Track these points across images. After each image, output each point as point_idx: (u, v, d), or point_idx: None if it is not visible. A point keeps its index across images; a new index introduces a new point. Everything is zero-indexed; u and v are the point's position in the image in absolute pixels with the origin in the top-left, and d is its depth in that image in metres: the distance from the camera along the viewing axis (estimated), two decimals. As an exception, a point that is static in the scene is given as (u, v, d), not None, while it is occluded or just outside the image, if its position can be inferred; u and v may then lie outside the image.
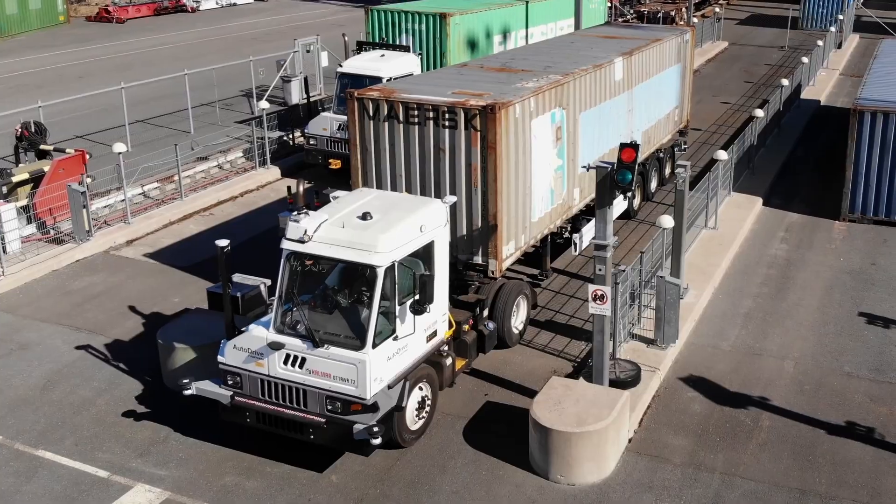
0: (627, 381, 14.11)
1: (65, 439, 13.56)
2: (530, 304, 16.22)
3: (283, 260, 12.58)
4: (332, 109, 24.43)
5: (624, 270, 14.88)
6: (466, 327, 14.40)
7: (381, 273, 11.93)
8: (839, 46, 44.87)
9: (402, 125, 15.22)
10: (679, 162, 16.98)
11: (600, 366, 13.44)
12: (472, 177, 14.88)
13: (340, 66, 24.45)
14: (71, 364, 15.72)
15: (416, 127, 15.11)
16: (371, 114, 15.43)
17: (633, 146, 12.11)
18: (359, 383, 11.79)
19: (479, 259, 15.25)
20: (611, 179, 12.30)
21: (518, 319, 15.82)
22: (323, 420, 11.99)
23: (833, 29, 42.72)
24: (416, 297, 12.17)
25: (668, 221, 15.89)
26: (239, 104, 34.25)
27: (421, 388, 12.99)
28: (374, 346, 11.89)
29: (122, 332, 16.83)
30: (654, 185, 23.02)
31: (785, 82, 28.52)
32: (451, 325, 13.86)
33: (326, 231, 12.27)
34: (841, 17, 45.47)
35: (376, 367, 11.87)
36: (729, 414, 13.95)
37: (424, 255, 12.93)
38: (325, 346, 12.00)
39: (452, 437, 13.46)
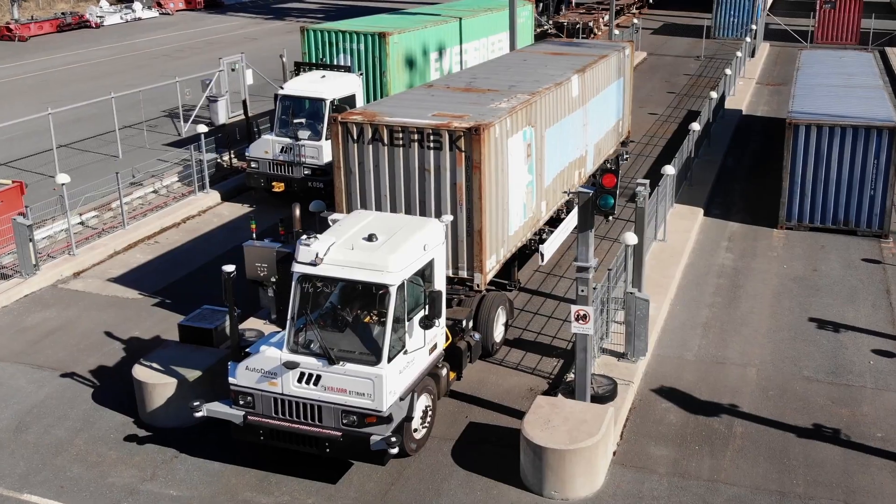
0: (605, 395, 14.87)
1: (49, 482, 13.57)
2: (508, 314, 17.11)
3: (294, 283, 13.15)
4: (274, 132, 24.64)
5: (595, 288, 15.67)
6: (449, 339, 15.05)
7: (393, 291, 12.69)
8: (752, 55, 47.06)
9: (386, 147, 15.96)
10: (638, 181, 17.91)
11: (583, 383, 14.17)
12: (458, 195, 15.71)
13: (281, 87, 24.68)
14: (40, 404, 15.65)
15: (401, 149, 15.87)
16: (355, 137, 16.09)
17: (614, 172, 12.91)
18: (375, 397, 12.51)
19: (464, 273, 16.09)
20: (593, 204, 13.05)
21: (498, 329, 16.73)
22: (339, 433, 12.67)
23: (749, 39, 44.78)
24: (426, 312, 12.94)
25: (632, 238, 16.75)
26: (163, 125, 34.05)
27: (423, 399, 13.69)
28: (389, 360, 12.63)
29: (86, 368, 16.81)
30: None
31: (713, 94, 29.98)
32: (447, 338, 14.57)
33: (336, 253, 12.91)
34: (754, 26, 47.69)
35: (391, 381, 12.63)
36: (703, 423, 14.86)
37: (427, 272, 13.73)
38: (341, 363, 12.65)
39: (442, 460, 13.99)
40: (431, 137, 15.61)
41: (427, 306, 12.95)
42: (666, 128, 33.90)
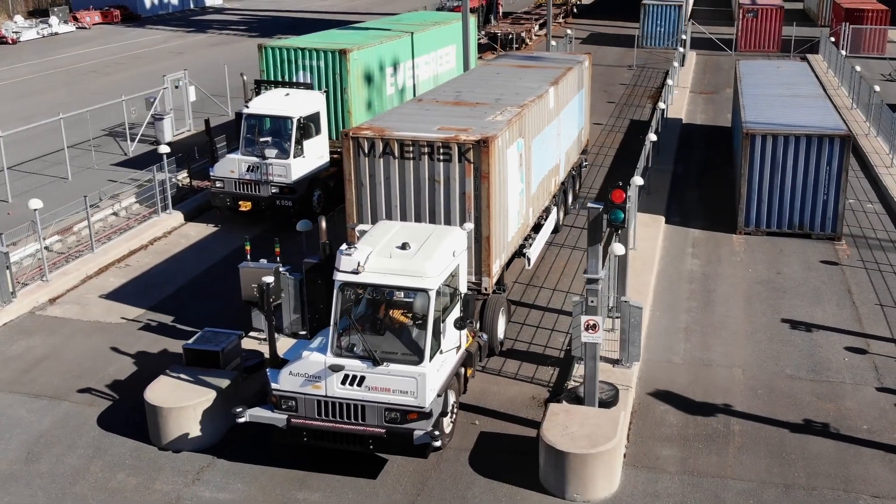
0: (609, 401, 15.74)
1: (74, 511, 13.77)
2: (508, 315, 18.25)
3: (336, 290, 14.04)
4: (240, 151, 24.91)
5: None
6: (470, 339, 15.96)
7: (432, 295, 13.76)
8: (682, 64, 48.95)
9: (397, 160, 16.95)
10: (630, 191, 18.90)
11: (592, 389, 15.03)
12: (467, 204, 16.83)
13: (247, 106, 24.98)
14: (45, 433, 15.75)
15: (412, 161, 16.89)
16: (366, 151, 17.05)
17: (622, 187, 13.83)
18: (418, 394, 13.52)
19: (472, 277, 17.09)
20: (604, 219, 13.95)
21: (501, 329, 17.75)
22: (382, 430, 13.59)
23: (681, 49, 46.63)
24: (460, 314, 14.11)
25: (619, 249, 17.72)
26: (106, 145, 33.83)
27: (451, 396, 14.61)
28: (430, 359, 13.70)
29: (85, 396, 16.92)
30: (570, 199, 25.37)
31: (662, 105, 31.38)
32: (467, 338, 15.60)
33: (376, 262, 13.89)
34: (684, 36, 49.65)
35: (432, 379, 13.67)
36: (702, 423, 15.88)
37: (455, 276, 14.80)
38: (385, 363, 13.58)
39: (461, 469, 14.66)
40: (441, 150, 16.74)
41: (461, 308, 14.25)
42: (613, 137, 35.21)
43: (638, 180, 22.78)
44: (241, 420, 14.06)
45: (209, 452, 15.09)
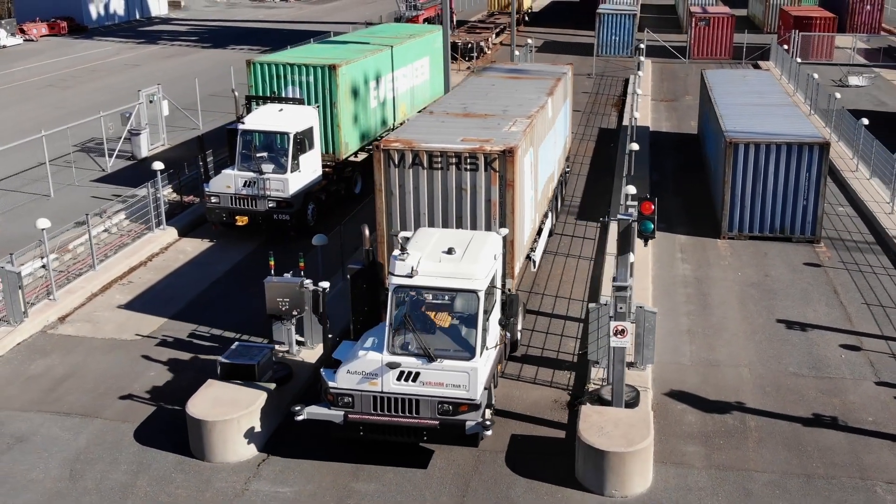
0: (630, 402, 16.64)
1: (131, 525, 14.22)
2: (524, 314, 19.55)
3: (391, 293, 15.12)
4: (236, 167, 25.36)
5: (605, 304, 17.55)
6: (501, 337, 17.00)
7: (481, 296, 14.91)
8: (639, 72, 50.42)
9: (426, 170, 18.15)
10: (628, 202, 19.93)
11: (620, 391, 15.95)
12: (492, 211, 18.08)
13: (242, 122, 25.45)
14: (84, 450, 16.13)
15: (440, 171, 18.12)
16: (396, 162, 18.18)
17: (651, 199, 14.80)
18: (470, 387, 14.63)
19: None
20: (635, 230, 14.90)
21: (519, 328, 18.91)
22: (436, 422, 14.68)
23: (642, 57, 48.10)
24: (506, 312, 15.37)
25: (631, 256, 18.68)
26: (81, 161, 33.86)
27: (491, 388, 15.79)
28: (480, 355, 14.79)
29: (116, 412, 17.31)
30: (559, 204, 26.56)
31: (637, 114, 32.60)
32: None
33: (427, 266, 15.02)
34: (642, 45, 51.18)
35: (482, 373, 14.80)
36: (719, 420, 16.91)
37: (496, 278, 15.94)
38: (439, 360, 14.67)
39: (500, 470, 15.46)
40: (468, 160, 17.98)
41: (507, 307, 15.60)
42: (585, 146, 36.35)
43: (631, 189, 23.84)
44: (300, 418, 15.02)
45: (250, 464, 15.62)
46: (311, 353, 18.65)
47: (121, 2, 77.27)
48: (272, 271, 18.53)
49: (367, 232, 17.32)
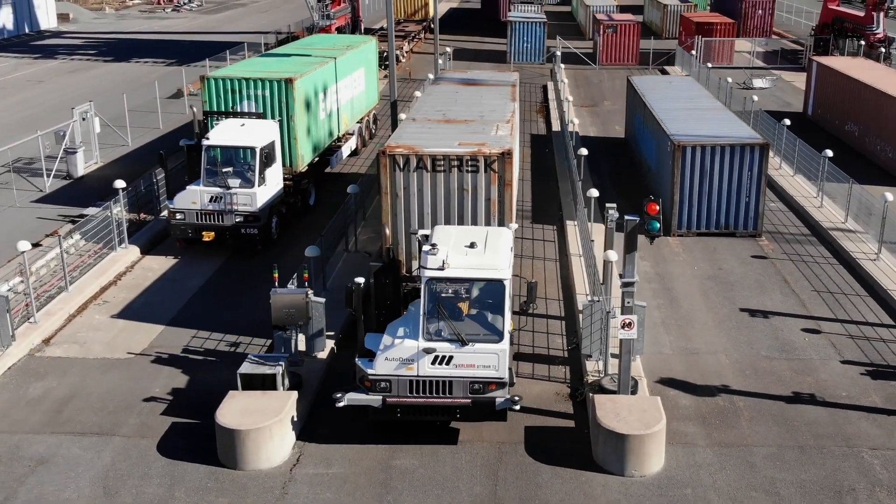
0: (631, 390, 18.13)
1: (182, 533, 14.83)
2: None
3: (424, 285, 16.40)
4: (202, 182, 25.81)
5: (599, 300, 19.04)
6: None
7: (507, 284, 16.43)
8: (553, 79, 52.48)
9: (429, 173, 19.72)
10: (608, 205, 21.48)
11: (627, 380, 17.39)
12: (491, 209, 19.79)
13: (207, 138, 25.93)
14: (111, 467, 16.57)
15: (443, 174, 19.74)
16: (401, 166, 19.68)
17: (657, 201, 16.29)
18: (499, 367, 16.26)
19: None
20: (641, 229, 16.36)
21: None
22: (468, 401, 16.27)
23: (562, 65, 50.10)
24: (526, 298, 17.30)
25: (613, 255, 20.24)
26: (15, 182, 33.50)
27: None
28: (506, 338, 16.33)
29: (133, 429, 17.75)
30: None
31: (576, 120, 34.34)
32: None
33: (455, 259, 16.43)
34: (559, 52, 53.24)
35: (509, 354, 16.43)
36: (711, 402, 18.54)
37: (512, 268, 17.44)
38: (471, 343, 16.13)
39: (522, 459, 16.68)
40: (469, 162, 19.70)
41: (527, 293, 17.27)
42: (522, 152, 37.81)
43: (594, 192, 25.45)
44: (341, 404, 16.37)
45: (282, 470, 16.40)
46: (315, 362, 19.48)
47: (9, 16, 75.29)
48: (276, 283, 19.25)
49: (387, 231, 19.01)
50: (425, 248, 16.71)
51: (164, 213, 28.94)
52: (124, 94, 40.84)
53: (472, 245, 16.80)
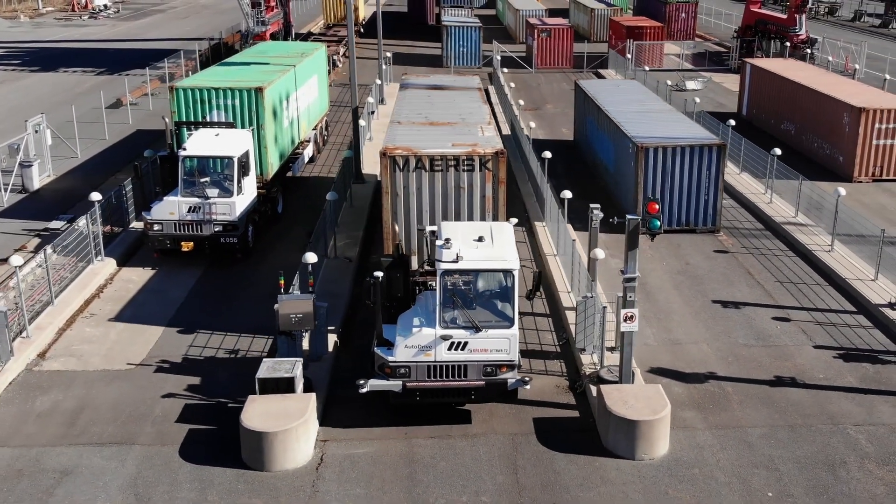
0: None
1: (224, 533, 15.44)
2: None
3: (439, 276, 17.55)
4: (180, 192, 26.18)
5: (592, 297, 20.24)
6: None
7: (516, 274, 17.77)
8: (493, 83, 53.80)
9: (427, 173, 20.96)
10: (592, 205, 22.66)
11: (629, 370, 18.57)
12: (486, 205, 21.23)
13: (184, 148, 26.29)
14: (138, 476, 17.03)
15: (440, 173, 21.04)
16: (401, 166, 20.88)
17: (656, 200, 17.51)
18: (510, 351, 17.72)
19: None
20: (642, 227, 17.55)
21: None
22: (482, 383, 17.71)
23: (505, 70, 51.38)
24: (532, 287, 18.51)
25: (601, 254, 21.45)
26: (-31, 196, 33.24)
27: None
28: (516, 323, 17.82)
29: (151, 438, 18.21)
30: None
31: (533, 124, 35.57)
32: None
33: (467, 252, 17.65)
34: (498, 57, 54.54)
35: (518, 339, 17.83)
36: (702, 389, 19.86)
37: None
38: (484, 330, 17.44)
39: (536, 448, 17.71)
40: (466, 162, 21.08)
41: (533, 282, 18.49)
42: (475, 156, 38.93)
43: (567, 193, 26.65)
44: (364, 390, 17.68)
45: (309, 469, 17.11)
46: (319, 364, 20.20)
47: (-78, 25, 73.26)
48: (282, 289, 19.89)
49: (397, 228, 20.25)
50: (439, 242, 17.90)
51: (134, 224, 29.18)
52: (72, 104, 40.57)
53: (480, 239, 18.03)
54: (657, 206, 17.57)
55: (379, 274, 18.17)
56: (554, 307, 24.07)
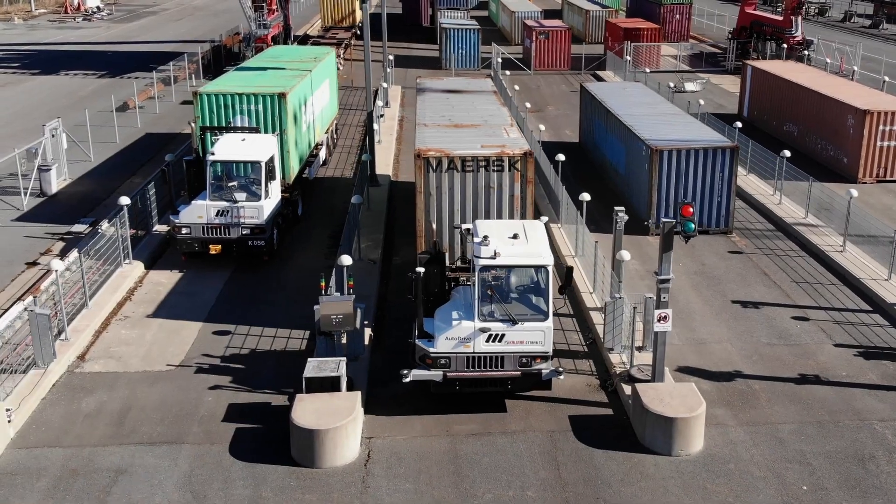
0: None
1: (283, 529, 15.94)
2: None
3: (478, 273, 18.39)
4: (208, 196, 26.61)
5: (621, 297, 20.85)
6: None
7: (550, 270, 18.58)
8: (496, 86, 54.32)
9: (459, 173, 21.76)
10: (616, 208, 23.27)
11: (662, 369, 19.18)
12: (514, 204, 22.03)
13: (212, 153, 26.72)
14: (191, 474, 17.50)
15: (471, 174, 21.84)
16: (434, 167, 21.67)
17: (690, 203, 18.12)
18: (545, 343, 18.69)
19: None
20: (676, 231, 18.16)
21: None
22: (518, 373, 18.69)
23: (507, 72, 51.95)
24: (563, 282, 19.39)
25: (626, 255, 22.04)
26: (-7, 200, 33.62)
27: None
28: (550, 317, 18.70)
29: (199, 437, 18.67)
30: None
31: (542, 127, 36.17)
32: None
33: (503, 249, 18.44)
34: (499, 59, 55.11)
35: (552, 331, 18.71)
36: (729, 387, 20.50)
37: None
38: (520, 323, 18.35)
39: (575, 445, 18.29)
40: (495, 162, 21.86)
41: (565, 278, 19.40)
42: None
43: (586, 196, 27.23)
44: (407, 380, 18.65)
45: (357, 464, 17.65)
46: (357, 363, 20.72)
47: (-80, 27, 73.17)
48: (323, 291, 20.40)
49: (433, 226, 21.18)
50: (477, 239, 18.72)
51: (157, 227, 29.60)
52: (80, 108, 40.85)
53: (514, 236, 18.83)
54: (691, 210, 18.15)
55: (420, 270, 18.95)
56: (577, 308, 24.65)
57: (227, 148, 26.92)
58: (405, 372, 18.71)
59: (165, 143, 41.59)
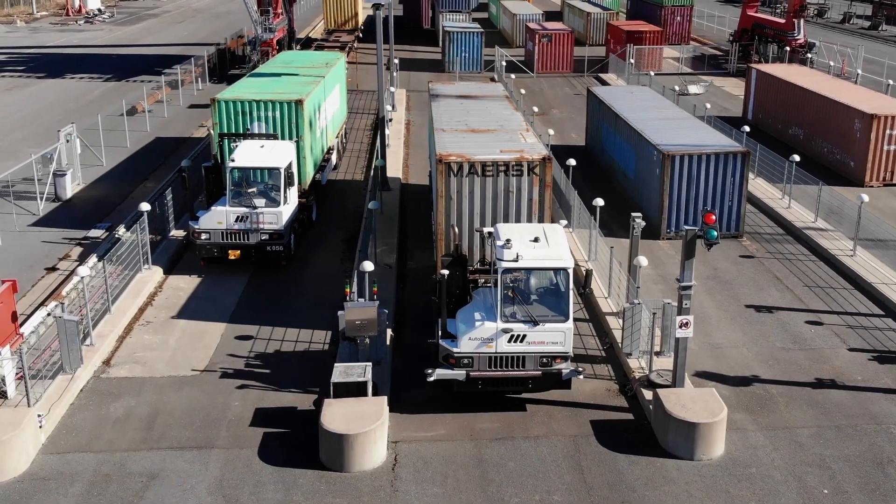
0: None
1: (316, 533, 16.20)
2: None
3: (500, 275, 18.84)
4: (228, 202, 26.86)
5: (640, 303, 21.14)
6: None
7: (570, 272, 19.06)
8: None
9: (479, 178, 22.16)
10: (634, 214, 23.56)
11: (682, 375, 19.47)
12: (532, 208, 22.43)
13: (232, 160, 26.96)
14: (222, 478, 17.76)
15: (491, 178, 22.23)
16: (455, 172, 22.10)
17: (712, 211, 18.41)
18: (565, 343, 19.15)
19: None
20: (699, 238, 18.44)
21: None
22: (539, 373, 19.17)
23: (513, 76, 52.22)
24: (583, 282, 20.23)
25: (644, 261, 22.33)
26: (7, 205, 33.71)
27: None
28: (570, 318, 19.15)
29: (228, 441, 18.92)
30: None
31: (551, 132, 36.45)
32: None
33: (525, 252, 18.95)
34: (503, 63, 55.36)
35: (573, 331, 19.23)
36: (748, 391, 20.79)
37: None
38: (541, 324, 18.79)
39: (597, 450, 18.58)
40: (515, 167, 22.29)
41: (584, 279, 20.19)
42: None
43: (599, 201, 27.52)
44: (431, 378, 19.12)
45: (385, 468, 17.91)
46: (379, 368, 20.98)
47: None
48: (347, 297, 20.66)
49: (456, 230, 21.57)
50: (499, 242, 19.17)
51: (174, 232, 29.83)
52: (89, 112, 41.06)
53: (535, 239, 19.31)
54: (714, 217, 18.43)
55: (445, 272, 19.40)
56: (592, 312, 24.93)
57: (246, 155, 27.16)
58: (430, 371, 19.14)
59: (175, 147, 41.78)
